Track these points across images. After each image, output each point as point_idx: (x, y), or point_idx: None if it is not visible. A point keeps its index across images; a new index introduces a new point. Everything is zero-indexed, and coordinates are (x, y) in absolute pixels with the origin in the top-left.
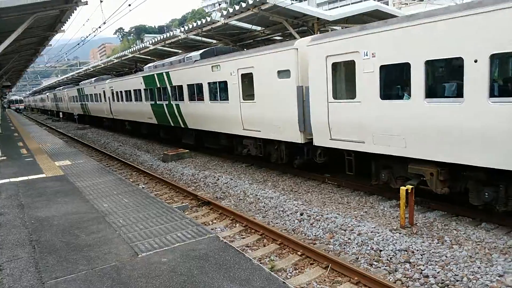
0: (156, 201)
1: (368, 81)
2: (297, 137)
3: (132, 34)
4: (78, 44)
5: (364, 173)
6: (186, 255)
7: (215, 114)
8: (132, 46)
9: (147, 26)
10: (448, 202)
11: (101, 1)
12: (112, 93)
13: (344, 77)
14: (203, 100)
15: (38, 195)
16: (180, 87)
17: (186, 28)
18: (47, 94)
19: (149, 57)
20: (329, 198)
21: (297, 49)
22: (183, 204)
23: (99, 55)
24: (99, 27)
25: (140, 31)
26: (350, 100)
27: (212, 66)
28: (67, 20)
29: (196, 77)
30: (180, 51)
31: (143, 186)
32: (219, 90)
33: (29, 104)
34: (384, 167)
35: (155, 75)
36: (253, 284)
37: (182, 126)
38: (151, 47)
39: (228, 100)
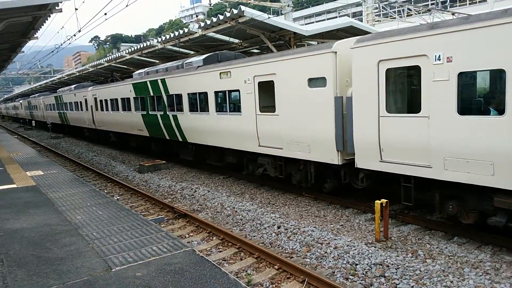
0: (131, 213)
1: (440, 91)
2: (333, 157)
3: (108, 43)
4: (52, 51)
5: (423, 204)
6: (161, 270)
7: (223, 128)
8: (108, 55)
9: (123, 35)
10: (421, 214)
11: (76, 9)
12: (96, 102)
13: (403, 87)
14: (207, 111)
15: (7, 206)
16: (179, 96)
17: (164, 38)
18: (21, 101)
19: (125, 67)
20: (306, 211)
21: (335, 52)
22: (159, 216)
23: (74, 63)
24: (74, 35)
25: (116, 40)
26: (412, 115)
27: (220, 73)
28: (41, 27)
29: (200, 85)
30: (157, 61)
31: (118, 197)
32: (229, 101)
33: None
34: (451, 197)
35: (148, 83)
36: None
37: (180, 139)
38: (128, 56)
39: (240, 112)
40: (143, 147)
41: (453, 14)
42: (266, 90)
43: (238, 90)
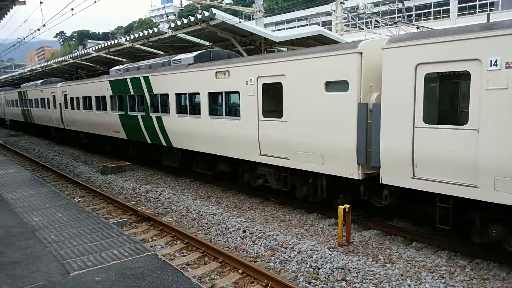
0: (92, 216)
1: (493, 100)
2: (352, 171)
3: (74, 39)
4: (14, 45)
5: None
6: (122, 274)
7: (217, 133)
8: (73, 51)
9: (90, 32)
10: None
11: (41, 2)
12: (65, 99)
13: (445, 94)
14: (198, 114)
15: None
16: (165, 96)
17: (132, 37)
18: None
19: (91, 64)
20: (271, 216)
21: (361, 53)
22: (122, 219)
23: (37, 59)
24: (38, 29)
25: (83, 37)
26: (457, 127)
27: (217, 72)
28: (2, 19)
29: (190, 85)
30: (124, 60)
31: (79, 199)
32: (226, 103)
33: None
34: (495, 219)
35: (128, 80)
36: None
37: (164, 144)
38: (94, 54)
39: (238, 116)
40: (118, 151)
41: (417, 27)
42: (272, 93)
43: (237, 92)
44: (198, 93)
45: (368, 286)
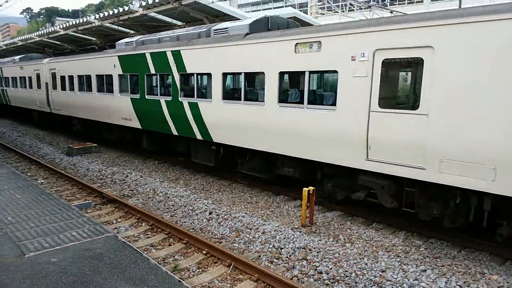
0: (52, 197)
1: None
2: None
3: (42, 16)
4: None
5: None
6: (79, 255)
7: (290, 127)
8: (40, 29)
9: (59, 9)
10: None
11: None
12: (54, 78)
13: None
14: (261, 101)
15: None
16: (205, 76)
17: (102, 15)
18: None
19: (59, 43)
20: (238, 198)
21: None
22: (86, 201)
23: (2, 36)
24: (1, 5)
25: (51, 14)
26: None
27: (297, 44)
28: None
29: (248, 62)
30: (93, 39)
31: (42, 181)
32: (308, 87)
33: None
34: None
35: (148, 56)
36: (148, 284)
37: (199, 137)
38: (62, 32)
39: (333, 105)
40: (123, 142)
41: (391, 12)
42: (397, 72)
43: (334, 72)
44: (261, 73)
45: (327, 265)
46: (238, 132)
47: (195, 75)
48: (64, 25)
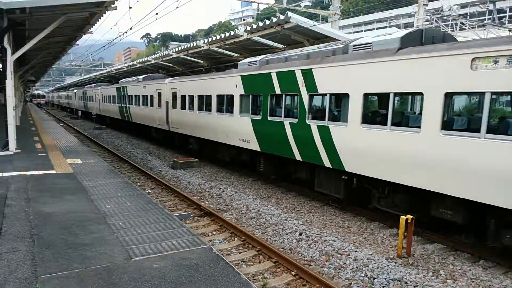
0: (157, 207)
1: None
2: None
3: (158, 40)
4: (104, 46)
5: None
6: (177, 263)
7: (473, 163)
8: (156, 52)
9: (173, 34)
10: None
11: (130, 8)
12: (174, 97)
13: None
14: (417, 127)
15: (45, 190)
16: (340, 97)
17: (209, 40)
18: (75, 91)
19: (171, 65)
20: (330, 221)
21: None
22: (186, 212)
23: (124, 58)
24: (126, 32)
25: (166, 38)
26: None
27: (475, 59)
28: (96, 23)
29: (402, 81)
30: (201, 61)
31: (149, 191)
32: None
33: (51, 100)
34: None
35: (274, 75)
36: None
37: (328, 164)
38: (174, 55)
39: None
40: (239, 163)
41: (510, 30)
42: None
43: None
44: (419, 93)
45: None
46: (381, 162)
47: (327, 95)
48: (176, 49)
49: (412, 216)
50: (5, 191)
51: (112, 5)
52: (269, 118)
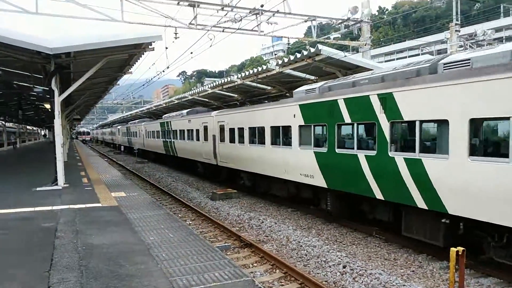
0: (199, 238)
1: None
2: None
3: (193, 77)
4: (144, 84)
5: None
6: None
7: None
8: (192, 88)
9: (208, 71)
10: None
11: (166, 48)
12: (222, 130)
13: None
14: None
15: (92, 222)
16: (435, 124)
17: (243, 74)
18: (118, 127)
19: (207, 100)
20: (375, 253)
21: None
22: (226, 244)
23: (162, 95)
24: (163, 70)
25: (201, 75)
26: None
27: None
28: (135, 63)
29: None
30: (235, 95)
31: (190, 222)
32: None
33: (95, 136)
34: None
35: (341, 102)
36: None
37: (423, 206)
38: (210, 91)
39: None
40: (298, 200)
41: None
42: None
43: None
44: None
45: None
46: (499, 203)
47: (416, 123)
48: (211, 85)
49: (463, 248)
50: (55, 224)
51: (150, 47)
52: (337, 150)
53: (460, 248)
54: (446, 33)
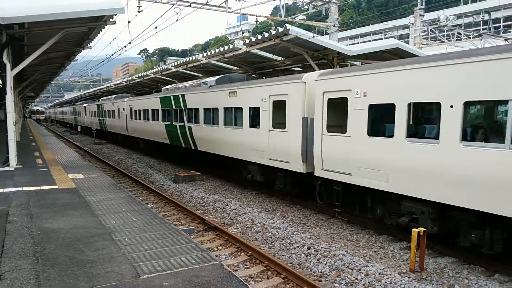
0: (163, 222)
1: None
2: None
3: (155, 56)
4: (103, 61)
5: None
6: (188, 281)
7: None
8: (154, 67)
9: (170, 49)
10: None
11: (128, 22)
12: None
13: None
14: None
15: (47, 206)
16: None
17: (209, 53)
18: (85, 105)
19: (170, 79)
20: (338, 234)
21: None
22: (190, 227)
23: (122, 74)
24: (125, 46)
25: (163, 53)
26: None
27: None
28: (95, 38)
29: None
30: (201, 75)
31: (152, 205)
32: None
33: (50, 115)
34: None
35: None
36: None
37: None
38: (173, 69)
39: None
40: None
41: (506, 40)
42: None
43: None
44: None
45: None
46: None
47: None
48: (175, 63)
49: (424, 229)
50: (7, 207)
51: (111, 20)
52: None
53: (422, 229)
54: (411, 17)
